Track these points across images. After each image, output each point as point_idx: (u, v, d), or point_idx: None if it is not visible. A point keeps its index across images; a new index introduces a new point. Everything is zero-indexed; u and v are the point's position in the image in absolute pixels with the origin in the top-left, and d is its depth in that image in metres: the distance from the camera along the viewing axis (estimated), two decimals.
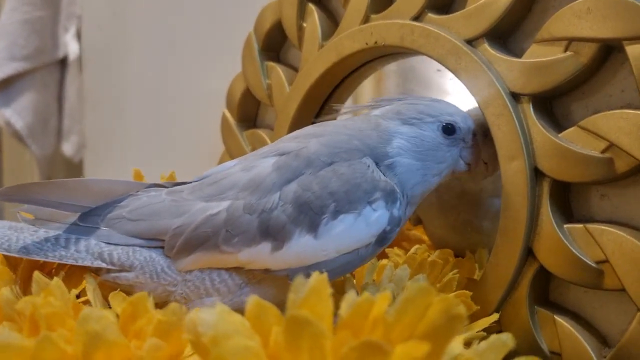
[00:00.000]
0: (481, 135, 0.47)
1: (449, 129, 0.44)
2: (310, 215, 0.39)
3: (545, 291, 0.45)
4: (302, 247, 0.39)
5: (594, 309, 0.43)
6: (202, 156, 0.76)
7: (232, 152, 0.68)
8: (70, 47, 1.29)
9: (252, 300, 0.27)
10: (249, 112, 0.68)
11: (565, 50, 0.42)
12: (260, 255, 0.39)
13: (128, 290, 0.41)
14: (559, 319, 0.43)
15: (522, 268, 0.44)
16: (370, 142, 0.43)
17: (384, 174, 0.42)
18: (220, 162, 0.70)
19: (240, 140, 0.67)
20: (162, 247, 0.41)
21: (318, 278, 0.25)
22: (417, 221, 0.67)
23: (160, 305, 0.42)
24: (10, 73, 1.29)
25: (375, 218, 0.40)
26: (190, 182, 0.43)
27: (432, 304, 0.26)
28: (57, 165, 1.38)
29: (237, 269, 0.41)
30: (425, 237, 0.66)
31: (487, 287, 0.46)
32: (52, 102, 1.36)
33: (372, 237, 0.40)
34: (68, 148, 1.33)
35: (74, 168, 1.27)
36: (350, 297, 0.26)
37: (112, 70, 0.92)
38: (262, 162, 0.42)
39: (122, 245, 0.41)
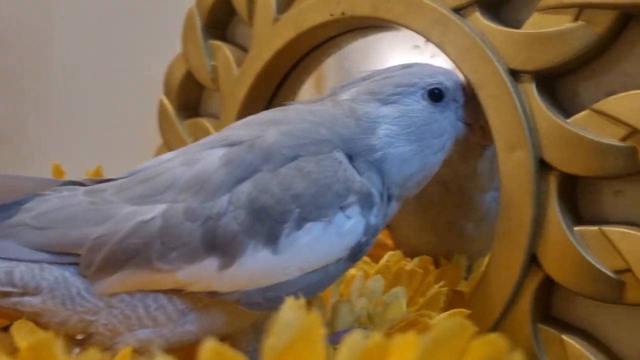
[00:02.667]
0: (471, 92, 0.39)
1: (435, 94, 0.37)
2: (268, 223, 0.31)
3: (548, 305, 0.39)
4: (257, 264, 0.31)
5: (608, 327, 0.37)
6: (136, 150, 0.67)
7: (170, 144, 0.59)
8: None
9: (208, 347, 0.18)
10: (190, 99, 0.59)
11: (576, 19, 0.36)
12: (205, 273, 0.31)
13: (35, 319, 0.32)
14: (567, 339, 0.37)
15: (525, 279, 0.37)
16: (345, 133, 0.35)
17: (359, 171, 0.34)
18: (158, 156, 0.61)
19: (180, 131, 0.58)
20: (78, 264, 0.32)
21: (310, 317, 0.17)
22: None
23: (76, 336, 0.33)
24: None
25: (349, 227, 0.32)
26: (117, 179, 0.34)
27: (470, 349, 0.18)
28: None
29: (177, 292, 0.32)
30: (388, 241, 0.58)
31: (482, 302, 0.39)
32: None
33: (344, 250, 0.32)
34: None
35: None
36: (352, 339, 0.18)
37: (31, 52, 0.80)
38: (207, 154, 0.33)
39: (25, 261, 0.31)
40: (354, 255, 0.33)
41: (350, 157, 0.35)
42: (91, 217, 0.32)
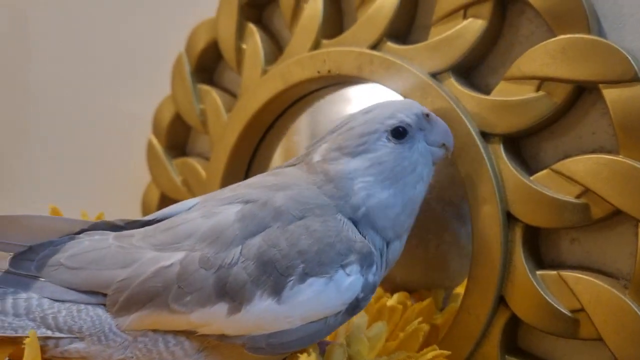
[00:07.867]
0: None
1: (399, 132, 0.38)
2: (274, 275, 0.34)
3: (514, 338, 0.43)
4: (262, 311, 0.34)
5: (566, 358, 0.41)
6: (124, 188, 0.69)
7: (159, 182, 0.62)
8: None
9: None
10: (178, 139, 0.62)
11: (538, 89, 0.41)
12: (215, 317, 0.35)
13: None
14: None
15: (494, 317, 0.42)
16: (332, 202, 0.38)
17: (360, 232, 0.37)
18: (146, 194, 0.64)
19: (169, 170, 0.61)
20: (105, 303, 0.35)
21: None
22: None
23: None
24: None
25: (348, 284, 0.35)
26: (142, 223, 0.38)
27: None
28: None
29: (192, 333, 0.36)
30: None
31: (456, 337, 0.43)
32: None
33: (342, 305, 0.36)
34: None
35: None
36: None
37: (10, 87, 0.81)
38: (225, 209, 0.37)
39: (63, 301, 0.35)
40: (352, 309, 0.36)
41: (349, 219, 0.37)
42: (119, 260, 0.35)
